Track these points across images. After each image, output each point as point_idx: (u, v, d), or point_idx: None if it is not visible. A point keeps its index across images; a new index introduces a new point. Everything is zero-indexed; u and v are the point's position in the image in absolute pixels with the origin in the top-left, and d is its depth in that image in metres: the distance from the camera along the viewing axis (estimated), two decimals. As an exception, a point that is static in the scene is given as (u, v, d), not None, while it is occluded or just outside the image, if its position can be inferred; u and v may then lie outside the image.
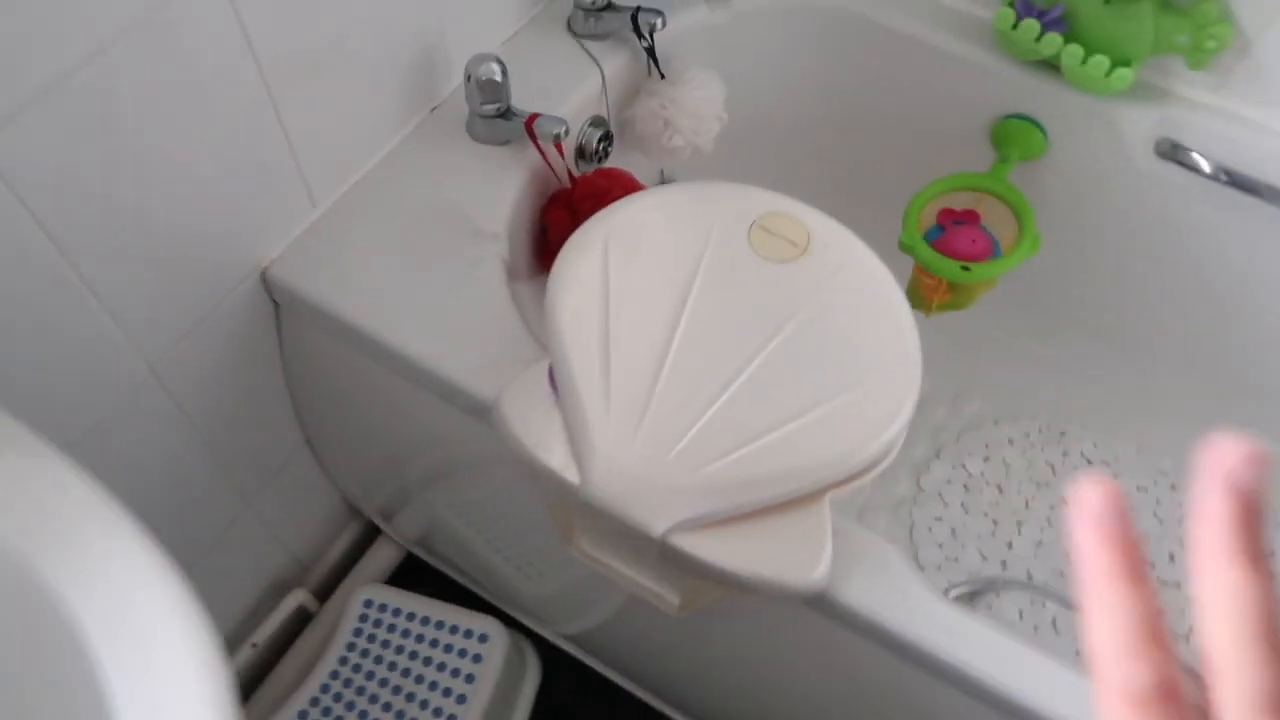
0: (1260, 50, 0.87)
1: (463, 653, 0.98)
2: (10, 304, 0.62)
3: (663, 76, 0.98)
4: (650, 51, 0.96)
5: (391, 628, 1.01)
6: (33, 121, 0.57)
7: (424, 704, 0.96)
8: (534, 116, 0.85)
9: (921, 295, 1.03)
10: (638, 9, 0.94)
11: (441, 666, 0.98)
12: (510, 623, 1.05)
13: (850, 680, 0.76)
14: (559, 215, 0.90)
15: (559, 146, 0.88)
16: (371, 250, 0.81)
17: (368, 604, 1.02)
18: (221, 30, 0.66)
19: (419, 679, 0.97)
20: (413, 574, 1.15)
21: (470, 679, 0.97)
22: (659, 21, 0.94)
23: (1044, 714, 0.62)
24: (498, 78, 0.84)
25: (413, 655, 0.99)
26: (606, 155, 0.98)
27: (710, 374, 0.65)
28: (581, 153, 0.97)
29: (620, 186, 0.90)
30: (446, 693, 0.96)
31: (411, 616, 1.01)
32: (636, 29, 0.94)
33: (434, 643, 0.99)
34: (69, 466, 0.39)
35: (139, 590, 0.37)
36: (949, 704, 0.67)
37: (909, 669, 0.67)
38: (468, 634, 0.99)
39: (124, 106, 0.62)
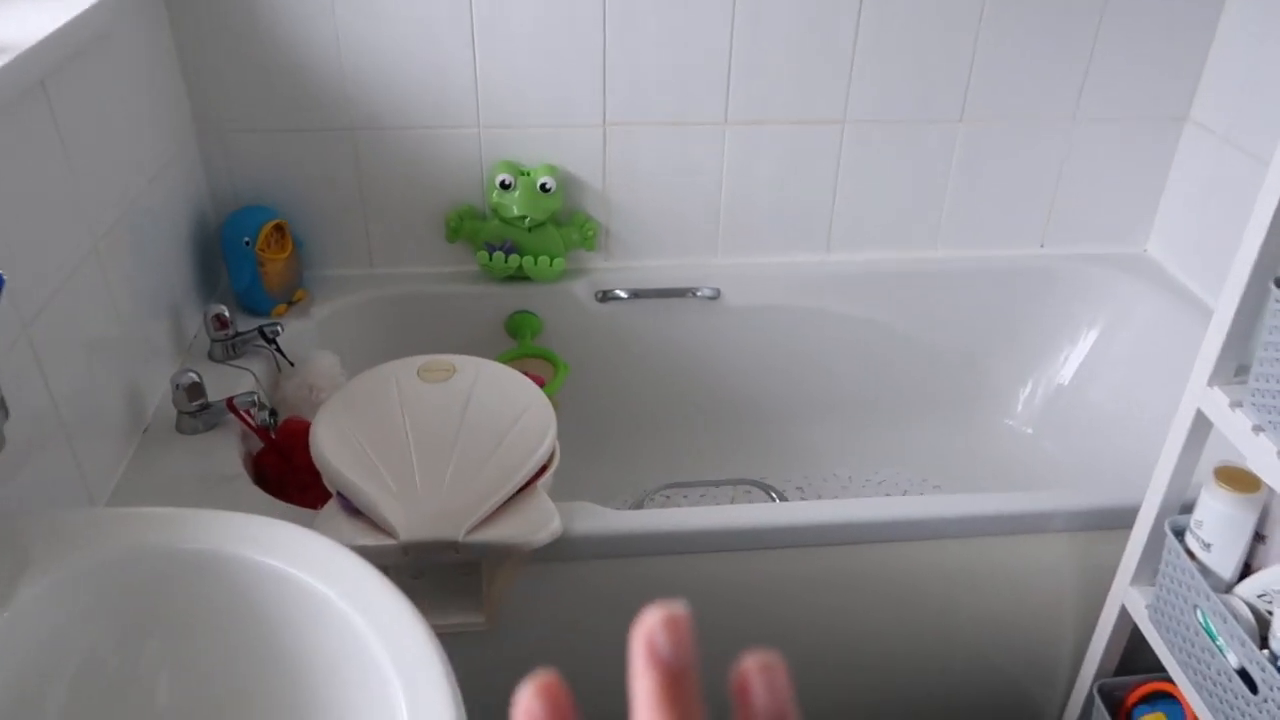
0: (614, 230, 1.60)
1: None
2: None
3: (291, 364, 1.40)
4: (279, 350, 1.38)
5: None
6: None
7: None
8: (231, 397, 1.22)
9: (519, 434, 1.53)
10: (262, 326, 1.37)
11: None
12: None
13: (604, 603, 1.15)
14: (271, 459, 1.25)
15: (250, 414, 1.24)
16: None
17: None
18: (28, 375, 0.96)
19: None
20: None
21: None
22: (279, 328, 1.38)
23: (718, 529, 1.10)
24: (198, 380, 1.20)
25: None
26: (277, 425, 1.36)
27: (441, 443, 1.07)
28: (262, 428, 1.33)
29: (302, 431, 1.28)
30: None
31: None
32: (264, 337, 1.37)
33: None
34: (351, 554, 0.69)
35: (397, 616, 0.67)
36: (665, 573, 1.12)
37: (628, 562, 1.11)
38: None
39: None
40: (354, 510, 1.05)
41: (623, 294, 1.61)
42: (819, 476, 1.67)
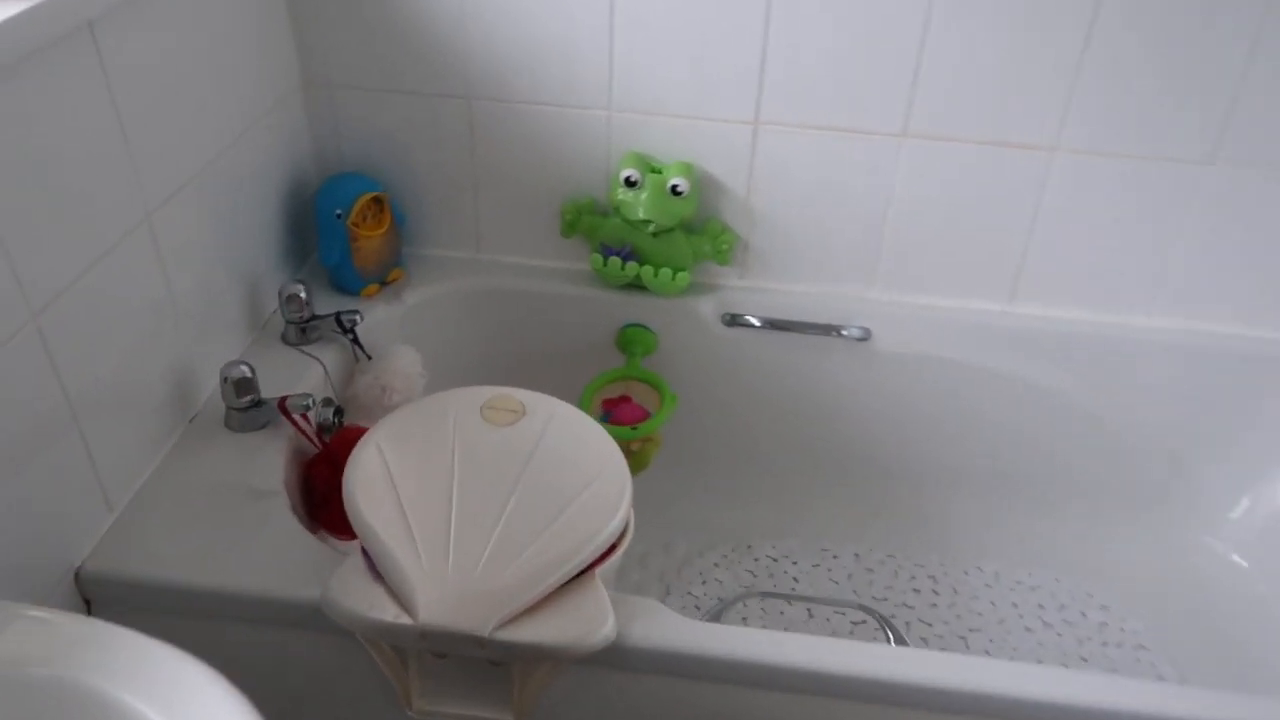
0: (754, 244, 1.36)
1: None
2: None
3: (369, 357, 1.25)
4: (355, 341, 1.24)
5: None
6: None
7: None
8: (284, 398, 1.08)
9: (611, 466, 1.34)
10: (339, 313, 1.22)
11: None
12: None
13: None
14: (321, 470, 1.11)
15: (306, 418, 1.10)
16: (172, 532, 0.96)
17: None
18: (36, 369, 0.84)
19: None
20: None
21: None
22: (357, 317, 1.23)
23: (808, 670, 0.88)
24: (249, 375, 1.06)
25: None
26: (340, 427, 1.22)
27: (487, 509, 0.89)
28: (321, 429, 1.19)
29: (362, 433, 1.13)
30: None
31: None
32: (340, 326, 1.23)
33: None
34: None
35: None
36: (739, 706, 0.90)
37: (693, 685, 0.90)
38: None
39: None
40: (378, 572, 0.88)
41: (754, 321, 1.38)
42: (958, 568, 1.40)
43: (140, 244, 0.98)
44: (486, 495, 0.91)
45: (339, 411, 1.21)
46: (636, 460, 1.35)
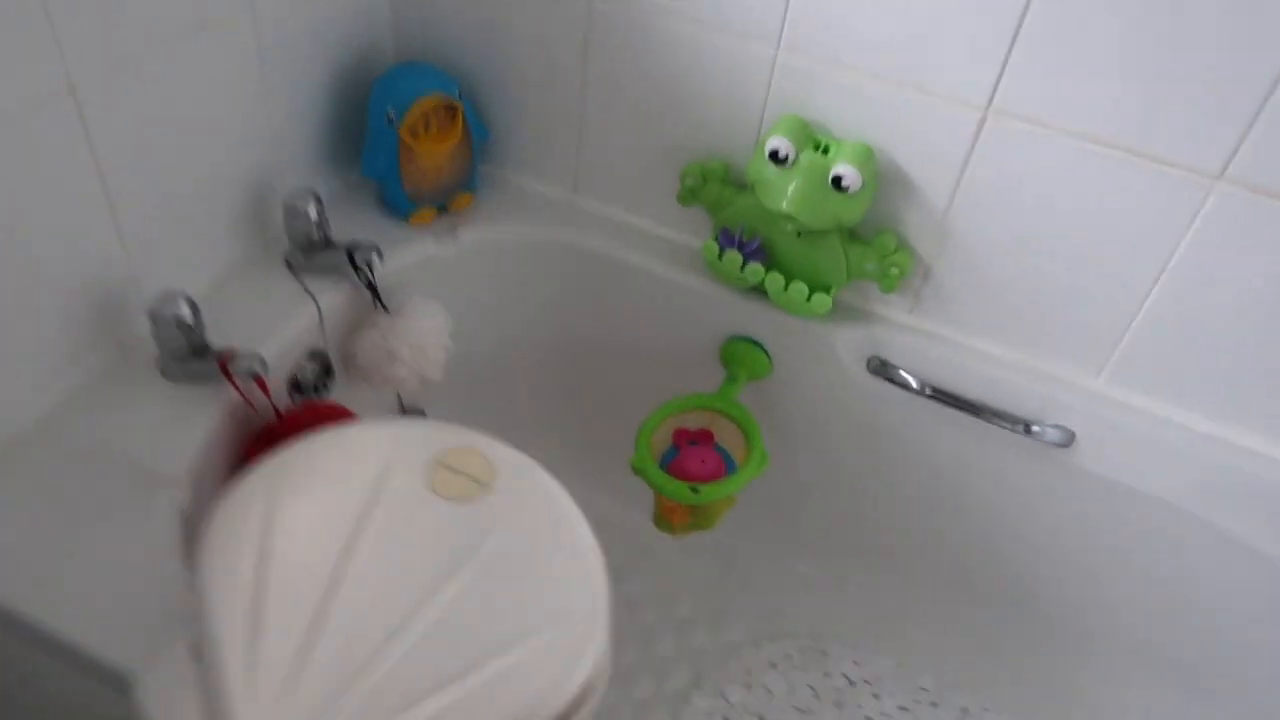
0: (938, 275, 0.95)
1: None
2: None
3: (385, 309, 0.96)
4: (370, 285, 0.95)
5: None
6: None
7: None
8: (228, 354, 0.81)
9: (664, 517, 1.01)
10: (351, 247, 0.93)
11: None
12: None
13: None
14: (262, 453, 0.84)
15: (261, 382, 0.83)
16: (16, 513, 0.72)
17: None
18: None
19: None
20: None
21: None
22: (374, 256, 0.94)
23: None
24: (188, 318, 0.80)
25: None
26: (326, 388, 0.95)
27: (375, 629, 0.59)
28: (298, 386, 0.92)
29: (330, 422, 0.86)
30: None
31: None
32: (354, 264, 0.93)
33: None
34: None
35: None
36: None
37: None
38: None
39: None
40: (210, 671, 0.61)
41: (912, 382, 0.98)
42: (1100, 791, 1.00)
43: (59, 117, 0.71)
44: (384, 608, 0.61)
45: (329, 370, 0.94)
46: (699, 518, 1.01)
